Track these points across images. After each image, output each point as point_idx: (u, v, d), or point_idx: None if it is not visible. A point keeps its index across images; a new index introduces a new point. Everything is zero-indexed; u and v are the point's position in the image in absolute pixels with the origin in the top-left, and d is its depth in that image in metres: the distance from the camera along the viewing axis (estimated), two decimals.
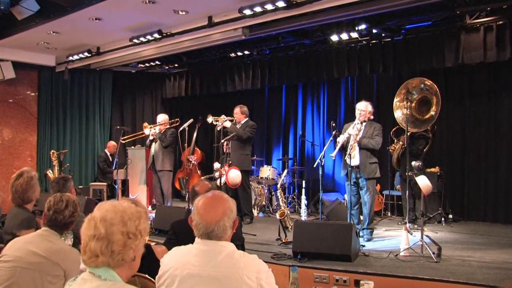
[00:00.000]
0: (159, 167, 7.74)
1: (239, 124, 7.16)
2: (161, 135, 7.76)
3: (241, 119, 7.19)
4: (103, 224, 1.54)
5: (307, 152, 9.24)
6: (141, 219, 1.62)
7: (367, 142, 5.74)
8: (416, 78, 6.36)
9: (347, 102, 8.68)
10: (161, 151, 7.73)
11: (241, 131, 6.97)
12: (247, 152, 7.11)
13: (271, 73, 8.95)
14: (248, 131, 7.01)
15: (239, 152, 6.95)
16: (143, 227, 1.62)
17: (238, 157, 6.87)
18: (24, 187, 3.34)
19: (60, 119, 9.87)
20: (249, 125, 7.10)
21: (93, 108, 10.27)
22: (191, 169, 9.16)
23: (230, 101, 9.41)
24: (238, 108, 7.23)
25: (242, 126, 7.10)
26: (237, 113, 7.22)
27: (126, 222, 1.57)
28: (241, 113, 7.19)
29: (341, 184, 8.35)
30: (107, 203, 1.63)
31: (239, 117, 7.19)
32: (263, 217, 8.02)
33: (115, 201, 1.64)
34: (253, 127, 7.13)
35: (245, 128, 7.04)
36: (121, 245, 1.54)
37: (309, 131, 9.32)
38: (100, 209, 1.60)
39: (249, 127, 7.06)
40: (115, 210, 1.58)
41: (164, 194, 7.81)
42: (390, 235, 6.14)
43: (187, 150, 8.91)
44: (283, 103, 9.73)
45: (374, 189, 5.95)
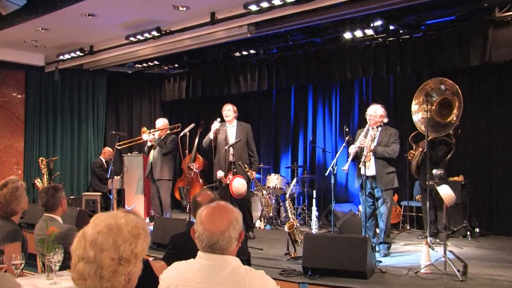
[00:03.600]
0: (158, 175, 7.75)
1: (231, 126, 7.00)
2: (160, 141, 7.77)
3: (232, 120, 7.01)
4: (93, 248, 1.50)
5: (318, 159, 9.23)
6: (139, 239, 1.56)
7: (382, 151, 5.73)
8: (436, 79, 6.35)
9: (361, 105, 8.66)
10: (160, 158, 7.74)
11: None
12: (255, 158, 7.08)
13: (278, 74, 8.98)
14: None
15: (242, 157, 6.90)
16: (141, 249, 1.57)
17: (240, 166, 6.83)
18: (8, 198, 3.30)
19: (49, 123, 9.92)
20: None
21: (86, 112, 10.32)
22: (192, 178, 9.17)
23: (234, 104, 9.43)
24: (230, 106, 7.04)
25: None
26: (230, 110, 7.00)
27: (120, 246, 1.51)
28: (234, 112, 7.01)
29: (355, 194, 8.33)
30: (103, 218, 1.58)
31: (231, 116, 6.98)
32: (270, 229, 8.01)
33: (112, 216, 1.59)
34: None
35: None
36: (112, 271, 1.50)
37: (320, 136, 9.32)
38: (94, 225, 1.55)
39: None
40: (109, 231, 1.52)
41: (163, 205, 7.80)
42: (409, 250, 6.10)
43: (188, 157, 8.90)
44: (291, 107, 9.75)
45: (391, 200, 5.93)
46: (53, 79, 9.47)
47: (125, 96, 10.95)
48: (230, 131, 6.99)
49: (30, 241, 3.51)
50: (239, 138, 6.85)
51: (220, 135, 6.99)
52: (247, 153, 6.98)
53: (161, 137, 7.87)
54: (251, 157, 6.98)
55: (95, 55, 8.75)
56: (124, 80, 10.73)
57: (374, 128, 5.83)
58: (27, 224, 6.35)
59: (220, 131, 7.00)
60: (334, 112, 9.20)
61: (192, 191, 8.63)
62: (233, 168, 6.62)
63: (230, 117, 6.99)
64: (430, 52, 7.20)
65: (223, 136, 6.95)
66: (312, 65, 8.53)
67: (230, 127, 7.02)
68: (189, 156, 9.03)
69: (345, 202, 8.47)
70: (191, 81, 10.33)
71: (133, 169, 8.81)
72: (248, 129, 7.04)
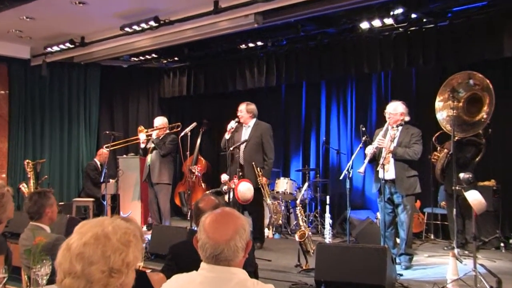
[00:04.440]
0: (156, 179, 7.76)
1: (246, 127, 7.10)
2: (159, 141, 7.79)
3: (247, 120, 7.10)
4: (80, 261, 1.48)
5: (332, 161, 9.23)
6: (129, 247, 1.55)
7: (403, 152, 5.71)
8: (463, 72, 6.31)
9: (379, 102, 8.63)
10: (158, 160, 7.76)
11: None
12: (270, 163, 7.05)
13: (288, 68, 8.96)
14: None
15: (255, 159, 6.88)
16: (133, 257, 1.56)
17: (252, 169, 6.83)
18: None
19: (36, 122, 9.91)
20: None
21: (77, 110, 10.32)
22: (194, 182, 9.20)
23: (240, 101, 9.29)
24: (244, 105, 7.13)
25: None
26: (241, 111, 7.10)
27: (109, 257, 1.50)
28: (247, 112, 7.09)
29: (372, 200, 8.29)
30: (89, 227, 1.56)
31: (245, 117, 7.09)
32: (279, 239, 8.00)
33: (98, 224, 1.57)
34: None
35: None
36: (103, 285, 1.49)
37: (334, 136, 9.32)
38: (79, 236, 1.53)
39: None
40: (96, 241, 1.51)
41: (161, 212, 7.83)
42: (433, 263, 6.08)
43: (189, 159, 8.92)
44: (303, 104, 9.76)
45: (413, 207, 5.92)
46: (40, 74, 9.41)
47: (120, 93, 10.96)
48: (244, 132, 7.08)
49: (15, 253, 3.48)
50: (245, 139, 6.88)
51: (236, 136, 7.06)
52: (262, 156, 6.99)
53: (160, 137, 7.89)
54: (264, 161, 6.99)
55: (87, 47, 8.75)
56: (119, 75, 10.73)
57: (394, 127, 5.81)
58: (11, 234, 6.33)
59: (238, 131, 7.09)
60: (349, 110, 9.18)
61: (193, 196, 8.65)
62: (239, 172, 6.61)
63: (244, 118, 7.07)
64: (457, 42, 7.15)
65: (239, 137, 7.04)
66: (325, 58, 8.51)
67: (246, 128, 7.10)
68: (190, 158, 9.04)
69: (362, 208, 8.45)
70: (193, 76, 10.33)
71: (129, 172, 8.80)
72: (264, 130, 7.05)
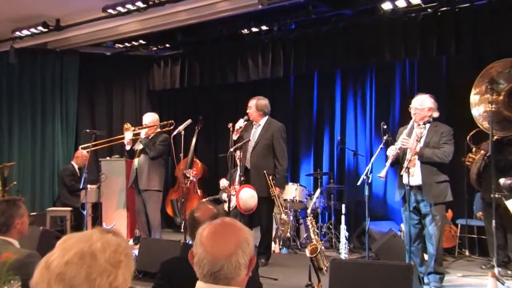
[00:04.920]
0: (144, 185, 7.75)
1: (256, 126, 7.13)
2: (148, 141, 7.80)
3: (257, 118, 7.14)
4: (59, 284, 1.46)
5: (348, 164, 9.26)
6: (119, 268, 1.54)
7: (431, 153, 5.70)
8: (505, 60, 6.30)
9: (403, 95, 8.64)
10: (147, 163, 7.76)
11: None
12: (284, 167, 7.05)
13: (297, 57, 8.97)
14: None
15: (265, 165, 6.89)
16: (122, 280, 1.54)
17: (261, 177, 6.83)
18: None
19: (3, 119, 9.91)
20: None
21: (51, 104, 10.28)
22: (188, 188, 9.21)
23: (242, 95, 9.47)
24: (254, 101, 7.16)
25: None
26: (251, 107, 7.14)
27: (95, 279, 1.48)
28: (257, 109, 7.11)
29: (395, 209, 8.29)
30: (73, 242, 1.54)
31: (255, 114, 7.13)
32: (287, 254, 8.02)
33: (84, 239, 1.55)
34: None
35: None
36: None
37: (350, 136, 9.34)
38: (62, 252, 1.50)
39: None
40: (81, 261, 1.49)
41: (150, 223, 7.82)
42: (469, 284, 6.04)
43: (183, 162, 8.88)
44: (314, 98, 9.77)
45: (444, 217, 5.90)
46: (7, 62, 9.43)
47: (102, 85, 10.95)
48: (254, 132, 7.12)
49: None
50: (248, 139, 6.92)
51: (245, 136, 7.09)
52: (273, 161, 7.00)
53: (149, 136, 7.90)
54: (276, 168, 6.99)
55: (63, 31, 8.75)
56: (101, 64, 10.72)
57: (420, 124, 5.81)
58: None
59: (248, 130, 7.13)
60: (368, 104, 9.19)
61: (188, 205, 8.58)
62: (241, 176, 6.60)
63: (253, 116, 7.10)
64: (497, 25, 7.14)
65: (248, 136, 7.08)
66: (341, 45, 8.53)
67: (256, 127, 7.14)
68: (184, 161, 9.02)
69: (383, 219, 8.45)
70: (187, 65, 10.34)
71: (113, 177, 8.79)
72: (276, 130, 7.06)
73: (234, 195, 6.63)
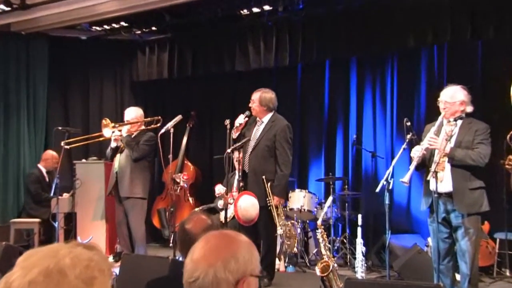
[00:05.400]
0: (126, 192, 7.73)
1: (260, 123, 7.13)
2: (130, 140, 7.78)
3: (260, 114, 7.13)
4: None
5: (366, 168, 9.26)
6: (93, 286, 1.51)
7: (463, 155, 5.66)
8: None
9: (430, 86, 8.63)
10: (129, 166, 7.74)
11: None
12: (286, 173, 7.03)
13: (306, 42, 8.97)
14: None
15: (265, 170, 6.89)
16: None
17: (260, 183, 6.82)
18: None
19: None
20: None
21: (16, 97, 10.16)
22: (178, 196, 9.19)
23: (241, 87, 9.52)
24: (258, 94, 7.16)
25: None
26: (253, 101, 7.15)
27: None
28: (260, 103, 7.10)
29: (421, 220, 8.26)
30: (37, 259, 1.50)
31: (258, 110, 7.12)
32: (294, 273, 8.01)
33: (50, 254, 1.52)
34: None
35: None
36: None
37: (368, 134, 9.34)
38: (24, 271, 1.47)
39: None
40: (47, 279, 1.45)
41: (133, 236, 7.81)
42: None
43: (173, 165, 8.91)
44: (325, 91, 9.76)
45: (479, 230, 5.83)
46: None
47: (77, 74, 10.91)
48: (256, 130, 7.14)
49: None
50: (248, 138, 6.93)
51: (247, 135, 7.12)
52: (274, 165, 7.00)
53: (132, 134, 7.88)
54: (276, 173, 6.98)
55: (30, 11, 8.68)
56: (75, 50, 10.66)
57: (450, 121, 5.77)
58: None
59: (250, 128, 7.15)
60: (389, 98, 9.17)
61: (178, 215, 8.57)
62: (240, 181, 6.59)
63: (256, 111, 7.11)
64: None
65: (250, 134, 7.10)
66: (357, 28, 8.54)
67: (259, 124, 7.15)
68: (174, 164, 9.04)
69: (407, 232, 8.43)
70: (177, 52, 10.32)
71: (90, 183, 8.78)
72: (280, 129, 7.05)
73: (232, 203, 6.61)
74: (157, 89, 11.17)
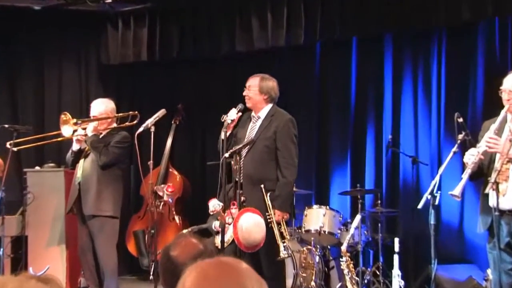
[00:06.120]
0: (92, 209, 7.70)
1: (255, 118, 7.12)
2: (97, 141, 7.76)
3: (258, 105, 7.10)
4: None
5: (404, 178, 9.30)
6: None
7: None
8: None
9: (490, 72, 8.65)
10: (96, 175, 7.73)
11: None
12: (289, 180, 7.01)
13: (327, 15, 9.04)
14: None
15: (264, 177, 6.87)
16: None
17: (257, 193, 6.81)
18: None
19: None
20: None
21: None
22: (161, 214, 9.22)
23: (241, 73, 9.31)
24: (256, 79, 7.12)
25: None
26: (251, 88, 7.13)
27: None
28: (261, 91, 7.06)
29: (478, 246, 8.26)
30: None
31: (256, 99, 7.09)
32: None
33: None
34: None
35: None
36: None
37: (407, 133, 9.40)
38: None
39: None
40: None
41: (102, 266, 7.82)
42: None
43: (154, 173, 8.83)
44: (352, 77, 9.84)
45: None
46: None
47: (28, 55, 11.00)
48: (251, 128, 7.12)
49: None
50: (252, 138, 6.90)
51: (241, 133, 7.11)
52: (275, 171, 6.98)
53: (101, 134, 7.89)
54: (277, 180, 6.96)
55: None
56: (26, 24, 10.76)
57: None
58: None
59: (244, 126, 7.15)
60: (435, 86, 9.21)
61: (161, 238, 8.71)
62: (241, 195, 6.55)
63: (253, 101, 7.07)
64: None
65: (244, 134, 7.08)
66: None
67: (255, 120, 7.14)
68: (155, 172, 9.07)
69: (459, 261, 8.48)
70: (159, 27, 10.34)
71: (45, 198, 8.76)
72: (281, 124, 7.03)
73: (230, 223, 6.55)
74: (134, 75, 11.24)
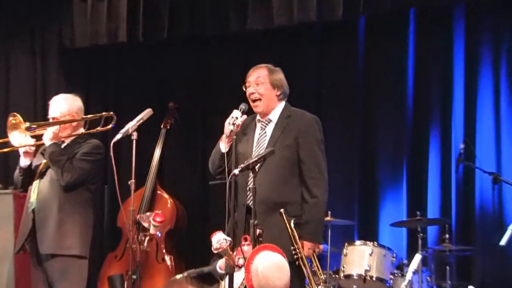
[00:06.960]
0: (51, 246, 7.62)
1: (264, 122, 7.07)
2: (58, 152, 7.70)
3: (269, 105, 7.05)
4: None
5: (481, 201, 9.34)
6: None
7: None
8: None
9: None
10: (57, 200, 7.65)
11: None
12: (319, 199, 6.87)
13: None
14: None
15: (284, 199, 6.77)
16: None
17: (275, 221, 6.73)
18: None
19: None
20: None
21: None
22: (146, 252, 9.22)
23: (253, 58, 9.29)
24: (264, 70, 7.14)
25: None
26: (259, 83, 7.08)
27: None
28: (273, 85, 7.04)
29: None
30: None
31: (270, 96, 7.03)
32: None
33: None
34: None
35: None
36: None
37: (486, 142, 9.43)
38: None
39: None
40: None
41: None
42: None
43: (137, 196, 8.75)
44: (408, 63, 9.97)
45: None
46: None
47: None
48: (260, 135, 7.10)
49: None
50: (269, 150, 6.70)
51: (242, 146, 7.02)
52: (299, 190, 6.86)
53: (63, 142, 7.83)
54: (304, 202, 6.85)
55: None
56: None
57: None
58: None
59: (248, 133, 7.10)
60: None
61: (146, 286, 8.73)
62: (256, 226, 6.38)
63: (264, 100, 6.98)
64: None
65: (247, 144, 7.02)
66: None
67: (264, 125, 7.09)
68: (138, 195, 9.03)
69: None
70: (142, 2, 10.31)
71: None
72: (303, 125, 6.99)
73: (242, 265, 6.37)
74: (108, 62, 11.30)
